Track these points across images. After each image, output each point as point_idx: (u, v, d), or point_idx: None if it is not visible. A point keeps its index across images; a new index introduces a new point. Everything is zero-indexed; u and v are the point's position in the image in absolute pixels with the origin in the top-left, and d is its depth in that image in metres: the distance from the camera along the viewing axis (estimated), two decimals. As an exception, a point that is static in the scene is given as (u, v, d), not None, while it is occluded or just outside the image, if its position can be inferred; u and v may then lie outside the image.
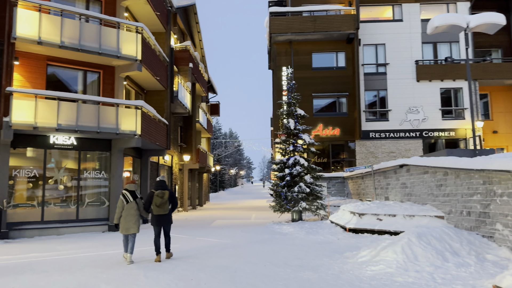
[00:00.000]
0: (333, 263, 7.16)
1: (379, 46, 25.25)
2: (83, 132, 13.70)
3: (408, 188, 11.95)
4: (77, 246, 10.74)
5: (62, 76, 14.98)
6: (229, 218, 19.97)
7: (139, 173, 17.95)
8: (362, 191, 17.76)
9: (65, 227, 13.93)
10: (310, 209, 15.86)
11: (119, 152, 15.00)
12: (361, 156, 24.41)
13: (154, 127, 16.67)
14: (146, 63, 15.70)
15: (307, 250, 9.09)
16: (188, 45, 23.62)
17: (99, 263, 7.97)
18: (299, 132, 16.78)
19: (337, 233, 11.73)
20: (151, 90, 19.18)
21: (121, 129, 14.37)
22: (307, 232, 12.44)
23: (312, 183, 16.15)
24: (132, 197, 8.09)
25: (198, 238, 11.82)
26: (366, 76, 24.88)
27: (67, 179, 14.52)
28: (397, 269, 6.10)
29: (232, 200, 41.82)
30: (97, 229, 14.54)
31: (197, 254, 8.78)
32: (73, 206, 14.38)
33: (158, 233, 8.08)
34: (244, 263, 7.51)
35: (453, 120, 24.60)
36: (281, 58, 25.24)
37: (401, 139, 24.44)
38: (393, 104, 24.66)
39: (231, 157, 74.86)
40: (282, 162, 16.68)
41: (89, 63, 15.12)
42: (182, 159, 25.89)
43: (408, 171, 11.89)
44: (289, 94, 17.20)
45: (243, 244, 10.35)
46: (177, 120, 24.53)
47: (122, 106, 14.55)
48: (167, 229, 8.14)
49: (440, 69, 24.81)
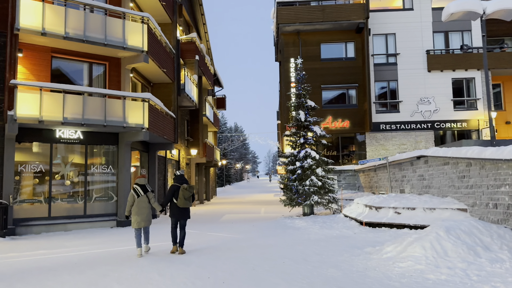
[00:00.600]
0: (356, 259, 6.78)
1: (389, 36, 24.67)
2: (89, 126, 13.36)
3: (426, 180, 11.51)
4: (86, 243, 10.44)
5: (67, 69, 14.63)
6: (238, 212, 19.65)
7: (146, 168, 17.63)
8: (375, 184, 17.33)
9: (73, 223, 13.65)
10: (322, 203, 15.48)
11: (126, 146, 14.66)
12: (371, 148, 23.95)
13: (162, 120, 16.31)
14: (152, 55, 15.30)
15: (324, 245, 8.72)
16: (194, 37, 23.18)
17: (110, 260, 7.64)
18: (309, 124, 16.36)
19: (353, 227, 11.34)
20: (158, 83, 18.80)
21: (128, 122, 14.01)
22: (321, 227, 12.06)
23: (323, 176, 15.76)
24: (143, 191, 8.13)
25: (209, 233, 11.48)
26: (376, 67, 24.33)
27: (74, 174, 14.22)
28: (427, 265, 5.71)
29: (239, 194, 41.53)
30: (106, 225, 14.25)
31: (211, 249, 8.43)
32: (80, 202, 14.09)
33: (175, 225, 8.25)
34: (261, 259, 7.15)
35: (465, 111, 24.03)
36: (289, 49, 24.74)
37: (412, 130, 23.93)
38: (404, 95, 24.12)
39: (236, 152, 74.51)
40: (293, 155, 16.28)
41: (94, 55, 14.75)
42: (189, 153, 25.56)
43: (426, 163, 11.44)
44: (299, 85, 16.75)
45: (257, 239, 10.00)
46: (183, 114, 24.17)
47: (129, 98, 14.19)
48: (184, 222, 8.27)
49: (451, 58, 24.21)
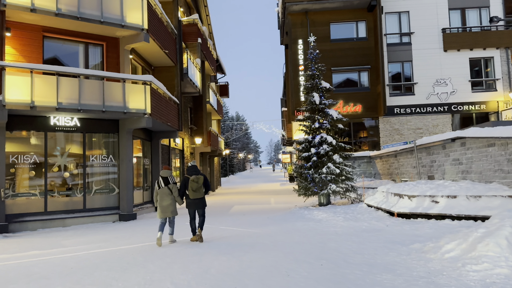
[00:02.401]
0: (409, 260, 5.63)
1: (402, 14, 23.26)
2: (87, 112, 12.15)
3: (463, 164, 10.33)
4: (85, 240, 9.32)
5: (61, 50, 13.37)
6: (248, 203, 18.54)
7: (149, 157, 16.47)
8: (396, 170, 16.15)
9: (71, 218, 12.54)
10: (339, 191, 14.33)
11: (127, 134, 13.47)
12: (385, 133, 22.74)
13: (165, 106, 15.09)
14: (153, 33, 14.02)
15: (358, 240, 7.58)
16: (196, 19, 21.83)
17: (112, 263, 6.51)
18: (324, 107, 15.12)
19: (382, 218, 10.20)
20: (159, 67, 17.53)
21: (129, 107, 12.80)
22: (345, 218, 10.92)
23: (341, 163, 14.58)
24: (164, 183, 8.31)
25: (222, 228, 10.36)
26: (388, 47, 22.98)
27: (72, 164, 13.07)
28: (510, 268, 4.55)
29: (244, 184, 40.48)
30: (107, 219, 13.14)
31: (229, 248, 7.29)
32: (79, 195, 12.96)
33: (193, 216, 8.40)
34: (292, 261, 6.00)
35: (484, 92, 22.74)
36: (296, 30, 23.36)
37: (428, 114, 22.68)
38: (419, 76, 22.82)
39: (239, 141, 73.24)
40: (307, 141, 15.07)
41: (90, 34, 13.48)
42: (193, 142, 24.37)
43: (464, 145, 10.25)
44: (312, 65, 15.46)
45: (278, 234, 8.86)
46: (187, 101, 22.91)
47: (129, 81, 12.96)
48: (201, 211, 8.40)
49: (469, 37, 22.84)
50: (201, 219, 8.44)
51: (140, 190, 15.49)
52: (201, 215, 8.44)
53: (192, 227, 8.40)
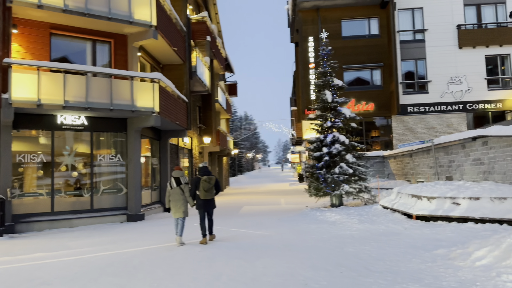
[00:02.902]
0: (435, 268, 5.22)
1: (415, 10, 22.71)
2: (94, 110, 11.88)
3: (485, 165, 9.85)
4: (92, 242, 9.04)
5: (68, 47, 13.13)
6: (257, 204, 18.19)
7: (158, 157, 16.20)
8: (411, 170, 15.66)
9: (78, 218, 12.29)
10: (352, 192, 13.90)
11: (136, 133, 13.20)
12: (398, 133, 22.22)
13: (174, 104, 14.79)
14: (162, 30, 13.73)
15: (377, 245, 7.18)
16: (205, 16, 21.49)
17: (118, 267, 6.20)
18: (337, 105, 14.70)
19: (399, 221, 9.77)
20: (168, 65, 17.24)
21: (137, 105, 12.51)
22: (360, 220, 10.50)
23: (354, 162, 14.16)
24: (176, 183, 8.27)
25: (232, 229, 10.01)
26: (402, 44, 22.45)
27: (79, 164, 12.83)
28: (552, 280, 4.14)
29: (253, 184, 40.13)
30: (115, 220, 12.88)
31: (241, 253, 6.94)
32: (86, 195, 12.72)
33: (203, 216, 8.26)
34: (310, 267, 5.62)
35: (500, 91, 22.10)
36: (307, 27, 22.95)
37: (443, 112, 22.11)
38: (433, 74, 22.25)
39: (247, 141, 72.95)
40: (319, 140, 14.66)
41: (98, 31, 13.22)
42: (202, 142, 24.08)
43: (486, 144, 9.78)
44: (325, 62, 15.05)
45: (291, 237, 8.49)
46: (195, 100, 22.61)
47: (137, 79, 12.68)
48: (211, 212, 8.39)
49: (484, 34, 22.22)
50: (210, 223, 8.41)
51: (149, 190, 15.22)
52: (210, 217, 8.40)
53: (203, 228, 8.23)
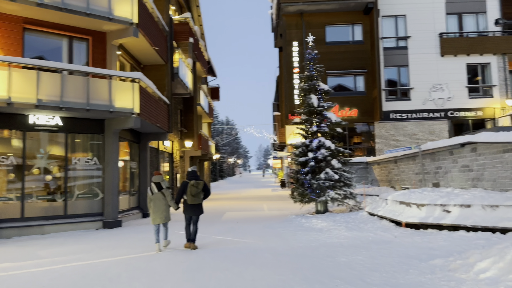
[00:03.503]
0: (436, 280, 4.90)
1: (399, 17, 22.85)
2: (69, 110, 11.23)
3: (473, 172, 9.71)
4: (65, 251, 8.40)
5: (43, 44, 12.45)
6: (240, 209, 17.71)
7: (137, 161, 15.56)
8: (395, 177, 15.52)
9: (51, 225, 11.56)
10: (338, 198, 13.64)
11: (114, 135, 12.57)
12: (381, 139, 22.19)
13: (154, 106, 14.23)
14: (143, 29, 13.20)
15: (369, 254, 6.85)
16: (188, 17, 21.04)
17: (92, 280, 5.66)
18: (323, 109, 14.45)
19: (388, 228, 9.50)
20: (149, 65, 16.67)
21: (116, 106, 11.92)
22: (347, 228, 10.19)
23: (339, 168, 13.91)
24: (157, 188, 8.10)
25: (215, 237, 9.54)
26: (385, 51, 22.51)
27: (53, 167, 12.11)
28: None
29: (234, 189, 39.57)
30: (90, 226, 12.19)
31: (227, 262, 6.48)
32: (60, 200, 12.00)
33: (189, 222, 8.20)
34: (303, 280, 5.23)
35: (480, 99, 22.40)
36: (291, 31, 22.76)
37: (425, 120, 22.22)
38: (416, 81, 22.38)
39: (229, 146, 72.38)
40: (305, 145, 14.36)
41: (75, 27, 12.59)
42: (183, 145, 23.47)
43: (475, 151, 9.64)
44: (311, 66, 14.81)
45: (278, 245, 8.09)
46: (177, 103, 22.02)
47: (116, 78, 12.09)
48: (196, 218, 8.24)
49: (466, 42, 22.51)
50: (194, 229, 8.22)
51: (127, 195, 14.56)
52: (195, 222, 8.24)
53: (187, 233, 8.15)
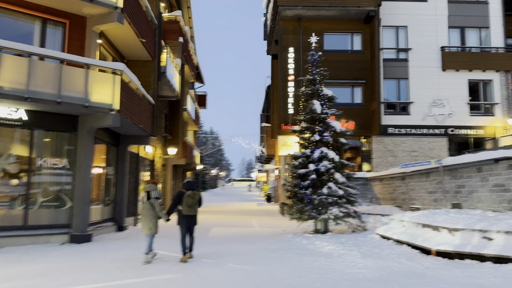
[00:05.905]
0: None
1: (400, 28, 21.85)
2: (37, 102, 9.46)
3: (510, 192, 8.37)
4: (18, 273, 6.61)
5: (12, 25, 10.71)
6: (227, 225, 16.02)
7: (114, 166, 13.76)
8: (402, 195, 14.14)
9: (7, 237, 9.67)
10: (341, 216, 12.14)
11: (88, 134, 10.81)
12: (378, 154, 20.90)
13: (138, 104, 12.56)
14: (129, 15, 11.62)
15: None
16: (179, 16, 19.63)
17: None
18: (327, 117, 13.05)
19: (413, 256, 8.00)
20: (134, 60, 14.99)
21: (92, 100, 10.20)
22: (361, 253, 8.62)
23: (343, 183, 12.47)
24: (147, 197, 7.86)
25: (203, 261, 7.87)
26: (384, 63, 21.41)
27: (13, 168, 10.24)
28: None
29: (217, 202, 37.71)
30: (54, 240, 10.31)
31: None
32: (19, 208, 10.12)
33: (185, 233, 7.93)
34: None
35: (482, 117, 21.43)
36: (288, 37, 21.47)
37: (424, 136, 21.08)
38: (416, 95, 21.29)
39: (212, 157, 70.49)
40: (305, 156, 12.88)
41: (50, 8, 10.91)
42: (166, 153, 21.65)
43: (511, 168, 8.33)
44: (314, 69, 13.45)
45: (287, 277, 6.48)
46: (162, 106, 20.31)
47: (95, 68, 10.42)
48: (192, 229, 8.06)
49: (468, 57, 21.63)
50: (191, 240, 8.04)
51: (100, 205, 12.69)
52: (191, 233, 8.03)
53: (184, 246, 7.87)
